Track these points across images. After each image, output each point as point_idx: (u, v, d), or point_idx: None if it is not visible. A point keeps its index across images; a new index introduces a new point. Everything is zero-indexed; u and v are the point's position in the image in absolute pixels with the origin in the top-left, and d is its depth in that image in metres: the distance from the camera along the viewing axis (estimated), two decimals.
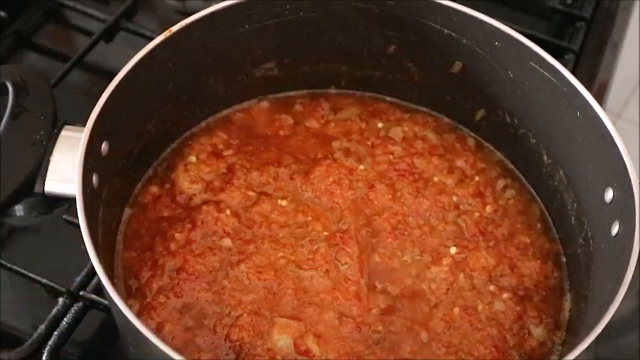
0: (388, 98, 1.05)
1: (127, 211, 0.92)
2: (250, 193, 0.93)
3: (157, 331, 0.82)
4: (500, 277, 0.89)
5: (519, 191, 0.98)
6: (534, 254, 0.92)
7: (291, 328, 0.82)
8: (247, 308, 0.84)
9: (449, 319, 0.86)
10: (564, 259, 0.93)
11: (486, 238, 0.92)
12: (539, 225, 0.95)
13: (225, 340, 0.82)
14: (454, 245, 0.91)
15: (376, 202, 0.94)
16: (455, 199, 0.95)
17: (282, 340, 0.82)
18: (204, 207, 0.91)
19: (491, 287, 0.89)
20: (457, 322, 0.86)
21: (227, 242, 0.89)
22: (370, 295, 0.86)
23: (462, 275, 0.89)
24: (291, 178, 0.95)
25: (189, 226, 0.89)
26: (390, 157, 0.98)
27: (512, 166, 1.00)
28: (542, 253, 0.93)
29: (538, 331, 0.87)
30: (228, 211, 0.91)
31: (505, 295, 0.88)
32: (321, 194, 0.93)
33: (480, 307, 0.87)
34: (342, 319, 0.84)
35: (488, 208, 0.95)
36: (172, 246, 0.88)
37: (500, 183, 0.98)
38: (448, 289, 0.88)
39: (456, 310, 0.86)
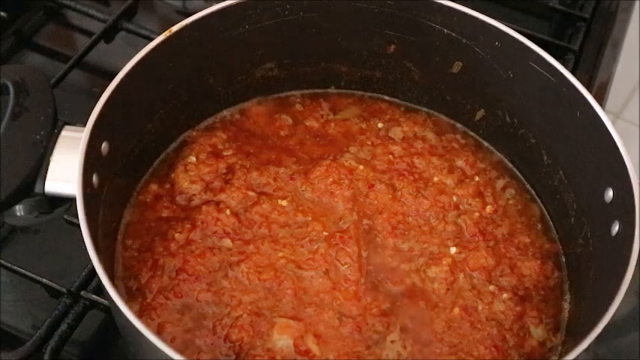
0: (388, 98, 1.06)
1: (127, 211, 0.92)
2: (250, 193, 0.93)
3: (157, 332, 0.82)
4: (500, 277, 0.89)
5: (519, 191, 0.98)
6: (534, 254, 0.92)
7: (290, 328, 0.82)
8: (247, 308, 0.84)
9: (449, 319, 0.86)
10: (564, 259, 0.93)
11: (486, 238, 0.92)
12: (539, 225, 0.95)
13: (225, 340, 0.82)
14: (454, 245, 0.91)
15: (376, 202, 0.93)
16: (455, 199, 0.95)
17: (282, 340, 0.82)
18: (204, 207, 0.91)
19: (491, 287, 0.89)
20: (457, 322, 0.86)
21: (227, 242, 0.89)
22: (370, 295, 0.86)
23: (461, 275, 0.89)
24: (291, 178, 0.95)
25: (188, 226, 0.89)
26: (390, 157, 0.98)
27: (512, 166, 1.00)
28: (542, 253, 0.93)
29: (538, 331, 0.87)
30: (228, 211, 0.90)
31: (505, 295, 0.88)
32: (321, 194, 0.93)
33: (480, 307, 0.87)
34: (342, 319, 0.84)
35: (488, 208, 0.95)
36: (172, 246, 0.88)
37: (500, 183, 0.98)
38: (448, 289, 0.88)
39: (456, 310, 0.86)
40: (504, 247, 0.92)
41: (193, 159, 0.95)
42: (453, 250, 0.91)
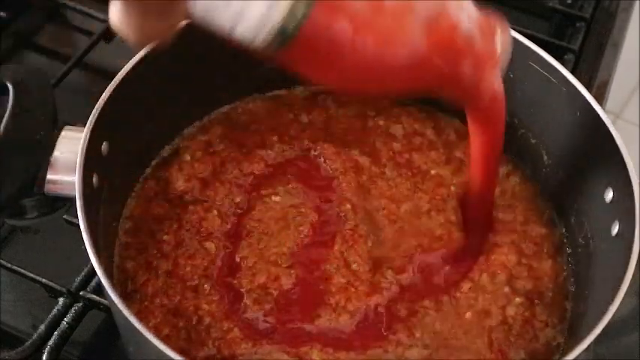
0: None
1: (126, 211, 0.91)
2: (243, 188, 0.92)
3: (155, 334, 0.81)
4: (516, 279, 0.87)
5: (523, 180, 0.96)
6: (548, 251, 0.90)
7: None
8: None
9: (453, 320, 0.84)
10: (565, 260, 0.93)
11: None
12: (547, 212, 0.94)
13: (218, 353, 0.79)
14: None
15: (376, 197, 0.93)
16: (453, 188, 0.94)
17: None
18: (194, 207, 0.90)
19: (496, 286, 0.87)
20: (463, 323, 0.85)
21: (217, 243, 0.87)
22: (376, 295, 0.85)
23: None
24: (289, 174, 0.94)
25: (175, 226, 0.88)
26: (390, 153, 0.98)
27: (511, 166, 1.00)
28: (554, 247, 0.91)
29: (544, 334, 0.85)
30: (215, 212, 0.89)
31: (517, 300, 0.86)
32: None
33: (488, 308, 0.85)
34: (350, 322, 0.83)
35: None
36: (165, 247, 0.87)
37: (504, 170, 0.96)
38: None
39: (462, 310, 0.85)
40: (519, 238, 0.90)
41: (188, 157, 0.94)
42: None
